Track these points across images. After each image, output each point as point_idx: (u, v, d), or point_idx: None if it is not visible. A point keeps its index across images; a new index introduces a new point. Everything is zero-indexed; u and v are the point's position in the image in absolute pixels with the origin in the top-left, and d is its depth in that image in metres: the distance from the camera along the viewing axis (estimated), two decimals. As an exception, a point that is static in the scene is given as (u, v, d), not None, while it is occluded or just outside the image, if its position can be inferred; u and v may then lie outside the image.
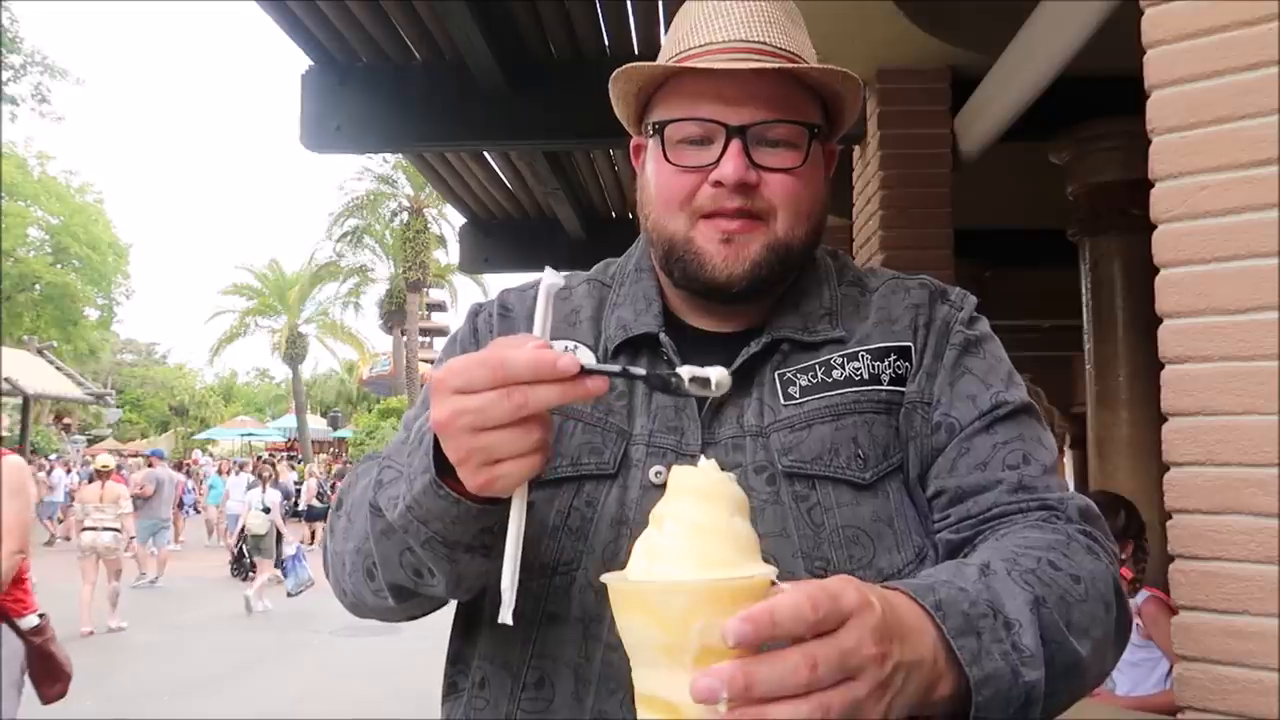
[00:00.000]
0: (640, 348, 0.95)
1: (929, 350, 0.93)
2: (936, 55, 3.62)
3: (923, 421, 0.90)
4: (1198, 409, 1.50)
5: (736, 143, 0.87)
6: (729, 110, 0.88)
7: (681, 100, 0.91)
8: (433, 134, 4.28)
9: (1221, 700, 1.44)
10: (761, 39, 0.90)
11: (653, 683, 0.64)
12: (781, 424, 0.89)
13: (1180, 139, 1.54)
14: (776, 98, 0.89)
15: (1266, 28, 1.46)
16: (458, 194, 6.40)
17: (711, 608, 0.62)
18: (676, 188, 0.91)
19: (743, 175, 0.87)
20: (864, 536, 0.85)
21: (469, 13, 3.37)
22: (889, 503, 0.87)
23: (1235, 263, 1.48)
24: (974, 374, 0.92)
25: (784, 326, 0.94)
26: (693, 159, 0.90)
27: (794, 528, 0.85)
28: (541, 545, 0.87)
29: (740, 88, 0.88)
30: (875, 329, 0.94)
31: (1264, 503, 1.43)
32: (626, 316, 0.96)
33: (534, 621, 0.86)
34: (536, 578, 0.87)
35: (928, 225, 3.70)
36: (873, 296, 0.98)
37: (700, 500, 0.66)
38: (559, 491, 0.89)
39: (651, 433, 0.90)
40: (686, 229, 0.91)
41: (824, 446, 0.87)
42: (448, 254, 30.59)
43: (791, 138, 0.90)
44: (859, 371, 0.91)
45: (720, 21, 0.91)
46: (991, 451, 0.88)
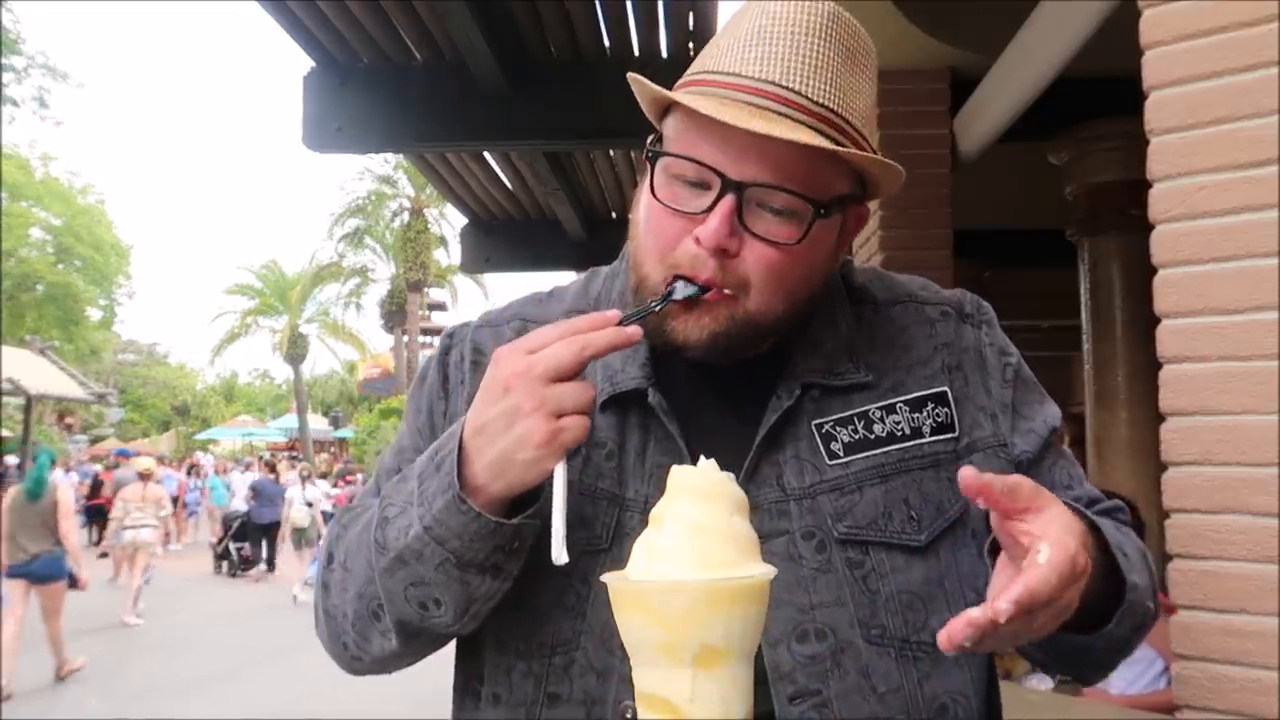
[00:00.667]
0: (630, 401, 0.87)
1: (974, 386, 0.90)
2: (936, 55, 3.62)
3: (1005, 463, 0.87)
4: (1196, 409, 1.50)
5: (729, 200, 0.77)
6: (732, 161, 0.78)
7: (689, 131, 0.80)
8: (433, 134, 4.29)
9: (1220, 699, 1.45)
10: (798, 88, 0.77)
11: (653, 682, 0.64)
12: (829, 485, 0.84)
13: (1179, 139, 1.54)
14: (792, 161, 0.77)
15: (1266, 28, 1.46)
16: (458, 194, 6.40)
17: (711, 607, 0.62)
18: (661, 232, 0.82)
19: (723, 242, 0.78)
20: (918, 601, 0.83)
21: (469, 13, 3.38)
22: (940, 564, 0.84)
23: (1234, 263, 1.48)
24: (1022, 408, 0.91)
25: (808, 371, 0.87)
26: (685, 202, 0.80)
27: (849, 596, 0.82)
28: (537, 623, 0.84)
29: (752, 138, 0.76)
30: (908, 375, 0.89)
31: (1262, 502, 1.43)
32: (614, 362, 0.88)
33: (536, 701, 0.84)
34: (537, 657, 0.84)
35: (928, 225, 3.70)
36: (887, 315, 0.93)
37: (700, 500, 0.66)
38: (554, 567, 0.81)
39: (647, 498, 0.83)
40: (659, 280, 0.82)
41: (877, 511, 0.83)
42: (448, 254, 30.58)
43: (794, 208, 0.79)
44: (900, 426, 0.86)
45: (759, 50, 0.78)
46: (1050, 477, 0.90)
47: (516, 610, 0.85)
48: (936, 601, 0.83)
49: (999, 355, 0.92)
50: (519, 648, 0.85)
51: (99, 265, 26.06)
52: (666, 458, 0.83)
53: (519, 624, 0.85)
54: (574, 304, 0.96)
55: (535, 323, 0.93)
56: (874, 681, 0.80)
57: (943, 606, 0.83)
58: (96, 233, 26.20)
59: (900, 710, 0.80)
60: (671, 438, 0.85)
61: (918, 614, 0.82)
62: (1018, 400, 0.91)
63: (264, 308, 35.09)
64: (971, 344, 0.92)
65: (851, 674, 0.80)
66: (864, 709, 0.80)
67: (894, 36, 3.46)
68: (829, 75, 0.79)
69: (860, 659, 0.80)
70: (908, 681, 0.81)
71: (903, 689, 0.81)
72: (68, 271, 25.37)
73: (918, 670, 0.81)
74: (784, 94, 0.77)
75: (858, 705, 0.79)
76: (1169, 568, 1.53)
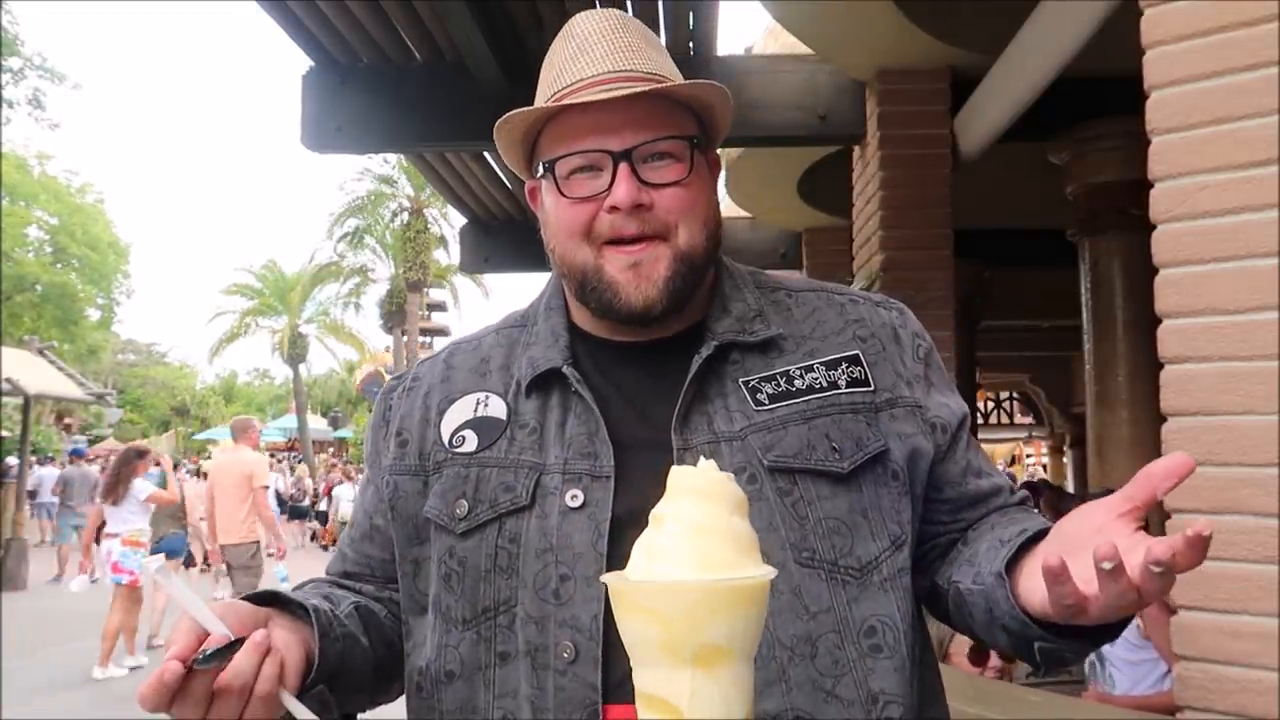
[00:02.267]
0: (551, 384, 0.97)
1: (889, 355, 0.99)
2: (936, 55, 3.62)
3: (921, 422, 0.97)
4: (1197, 409, 1.50)
5: (624, 166, 0.91)
6: (610, 138, 0.92)
7: (565, 137, 0.94)
8: (433, 134, 4.29)
9: (1221, 700, 1.44)
10: (628, 67, 0.93)
11: (653, 682, 0.64)
12: (757, 427, 0.92)
13: (1180, 139, 1.54)
14: (652, 118, 0.92)
15: (1266, 28, 1.46)
16: (458, 194, 6.40)
17: (711, 608, 0.62)
18: (574, 218, 0.94)
19: (635, 196, 0.90)
20: (843, 527, 0.90)
21: (469, 13, 3.38)
22: (863, 495, 0.91)
23: (1234, 263, 1.48)
24: (937, 386, 1.01)
25: (723, 331, 0.97)
26: (586, 189, 0.93)
27: (780, 521, 0.89)
28: (480, 590, 0.92)
29: (616, 115, 0.91)
30: (822, 343, 0.98)
31: (1263, 503, 1.43)
32: (537, 355, 0.99)
33: (489, 664, 0.90)
34: (483, 622, 0.91)
35: (928, 225, 3.70)
36: (800, 299, 1.03)
37: (700, 500, 0.66)
38: (484, 535, 0.92)
39: (565, 460, 0.92)
40: (593, 258, 0.94)
41: (802, 444, 0.91)
42: (448, 254, 30.58)
43: (674, 151, 0.93)
44: (818, 380, 0.95)
45: (586, 58, 0.94)
46: (978, 462, 1.00)
47: (454, 590, 0.93)
48: (861, 530, 0.91)
49: (912, 335, 1.02)
50: (464, 619, 0.92)
51: (97, 264, 26.05)
52: (584, 426, 0.93)
53: (460, 599, 0.92)
54: (504, 322, 1.09)
55: (465, 341, 1.08)
56: (806, 602, 0.87)
57: (867, 535, 0.91)
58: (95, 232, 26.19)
59: (831, 629, 0.87)
60: (589, 407, 0.94)
61: (844, 539, 0.90)
62: (932, 377, 1.01)
63: (263, 308, 35.08)
64: (886, 322, 1.02)
65: (785, 594, 0.86)
66: (797, 627, 0.86)
67: (894, 36, 3.47)
68: (645, 55, 0.95)
69: (793, 580, 0.87)
70: (837, 603, 0.88)
71: (833, 609, 0.87)
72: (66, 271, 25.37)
73: (846, 593, 0.88)
74: (623, 74, 0.93)
75: (791, 623, 0.86)
76: (1169, 568, 1.53)
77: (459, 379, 1.03)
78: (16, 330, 21.50)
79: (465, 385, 1.01)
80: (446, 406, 1.00)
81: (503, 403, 0.98)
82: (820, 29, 3.62)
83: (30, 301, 23.86)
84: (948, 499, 0.98)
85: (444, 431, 0.99)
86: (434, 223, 29.84)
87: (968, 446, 1.00)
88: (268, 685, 0.79)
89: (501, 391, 0.99)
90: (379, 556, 1.03)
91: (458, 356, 1.06)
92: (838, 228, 5.42)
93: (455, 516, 0.94)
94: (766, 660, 0.85)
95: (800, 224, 6.07)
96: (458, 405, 1.00)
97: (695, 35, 4.08)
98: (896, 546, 0.91)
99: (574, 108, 0.92)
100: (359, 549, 1.06)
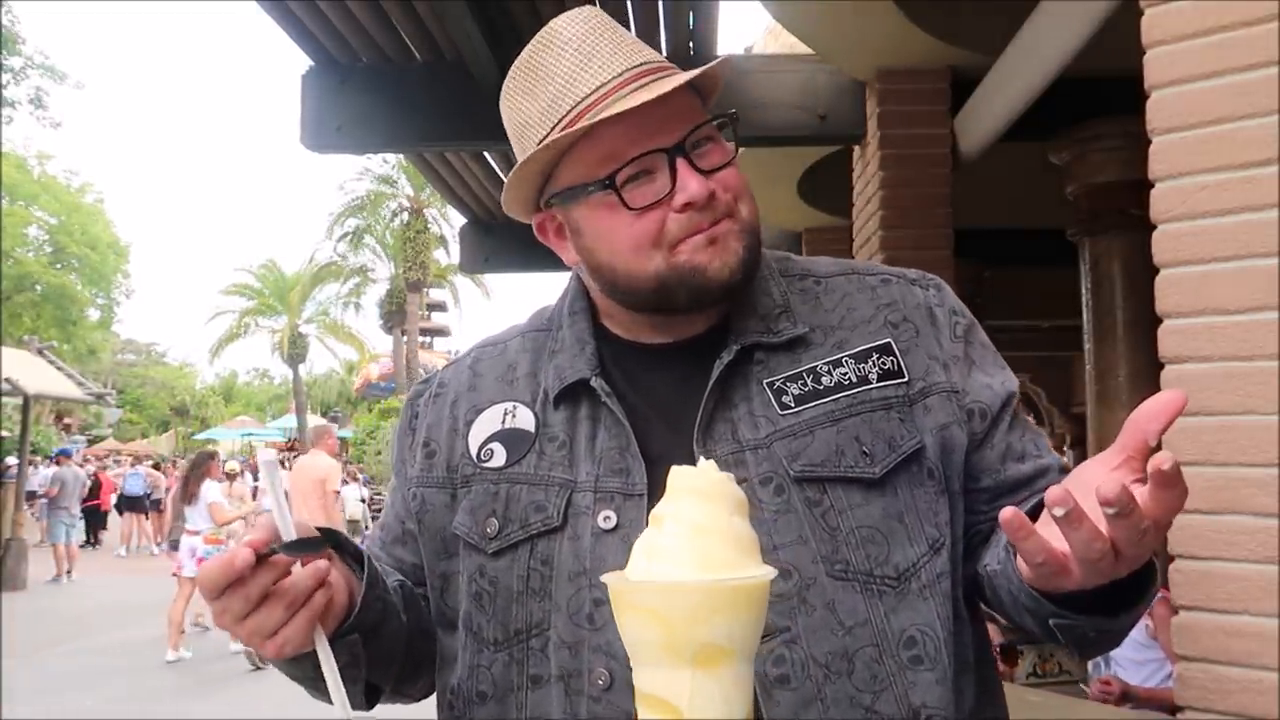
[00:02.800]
0: (580, 395, 0.94)
1: (924, 337, 0.94)
2: (936, 55, 3.62)
3: (957, 409, 0.91)
4: (1197, 409, 1.50)
5: (682, 162, 0.87)
6: (658, 136, 0.88)
7: (607, 149, 0.88)
8: (433, 134, 4.28)
9: (1221, 700, 1.44)
10: (640, 62, 0.89)
11: (653, 682, 0.64)
12: (783, 433, 0.88)
13: (1180, 139, 1.54)
14: (684, 107, 0.90)
15: (1266, 28, 1.46)
16: (458, 194, 6.40)
17: (711, 608, 0.62)
18: (643, 229, 0.88)
19: (707, 187, 0.88)
20: (878, 535, 0.85)
21: (469, 13, 3.38)
22: (898, 499, 0.87)
23: (1234, 263, 1.48)
24: (980, 364, 0.95)
25: (747, 331, 0.93)
26: (649, 195, 0.88)
27: (810, 533, 0.85)
28: (511, 611, 0.89)
29: (655, 111, 0.86)
30: (852, 333, 0.93)
31: (1263, 502, 1.43)
32: (563, 364, 0.95)
33: (521, 686, 0.88)
34: (515, 644, 0.89)
35: (928, 225, 3.70)
36: (829, 286, 0.98)
37: (700, 500, 0.66)
38: (515, 556, 0.90)
39: (597, 478, 0.89)
40: (665, 261, 0.89)
41: (830, 449, 0.87)
42: (448, 254, 30.57)
43: (711, 133, 0.91)
44: (846, 376, 0.91)
45: (597, 63, 0.88)
46: (1022, 446, 0.93)
47: (486, 610, 0.91)
48: (897, 536, 0.86)
49: (949, 314, 0.97)
50: (496, 640, 0.90)
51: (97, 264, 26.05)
52: (614, 440, 0.90)
53: (492, 619, 0.90)
54: (529, 325, 1.05)
55: (490, 345, 1.04)
56: (841, 616, 0.83)
57: (903, 541, 0.86)
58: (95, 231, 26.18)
59: (869, 643, 0.83)
60: (618, 421, 0.90)
61: (879, 548, 0.85)
62: (973, 355, 0.95)
63: (263, 308, 35.08)
64: (921, 302, 0.97)
65: (819, 609, 0.83)
66: (833, 643, 0.82)
67: (894, 36, 3.46)
68: (639, 46, 0.92)
69: (826, 594, 0.83)
70: (874, 615, 0.84)
71: (870, 622, 0.83)
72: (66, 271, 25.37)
73: (884, 604, 0.84)
74: (637, 70, 0.89)
75: (826, 639, 0.82)
76: (1170, 568, 1.53)
77: (486, 387, 0.99)
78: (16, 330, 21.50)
79: (492, 394, 0.98)
80: (474, 417, 0.97)
81: (530, 413, 0.95)
82: (820, 29, 3.62)
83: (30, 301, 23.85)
84: (985, 487, 0.92)
85: (472, 444, 0.96)
86: (434, 223, 29.84)
87: (1009, 429, 0.94)
88: (311, 612, 0.78)
89: (529, 401, 0.96)
90: (412, 561, 1.01)
91: (484, 363, 1.02)
92: (838, 228, 5.41)
93: (485, 535, 0.91)
94: (801, 680, 0.81)
95: (800, 224, 6.07)
96: (485, 416, 0.97)
97: (695, 35, 4.08)
98: (935, 550, 0.87)
99: (611, 119, 0.85)
100: (392, 552, 1.03)
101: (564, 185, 0.91)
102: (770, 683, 0.81)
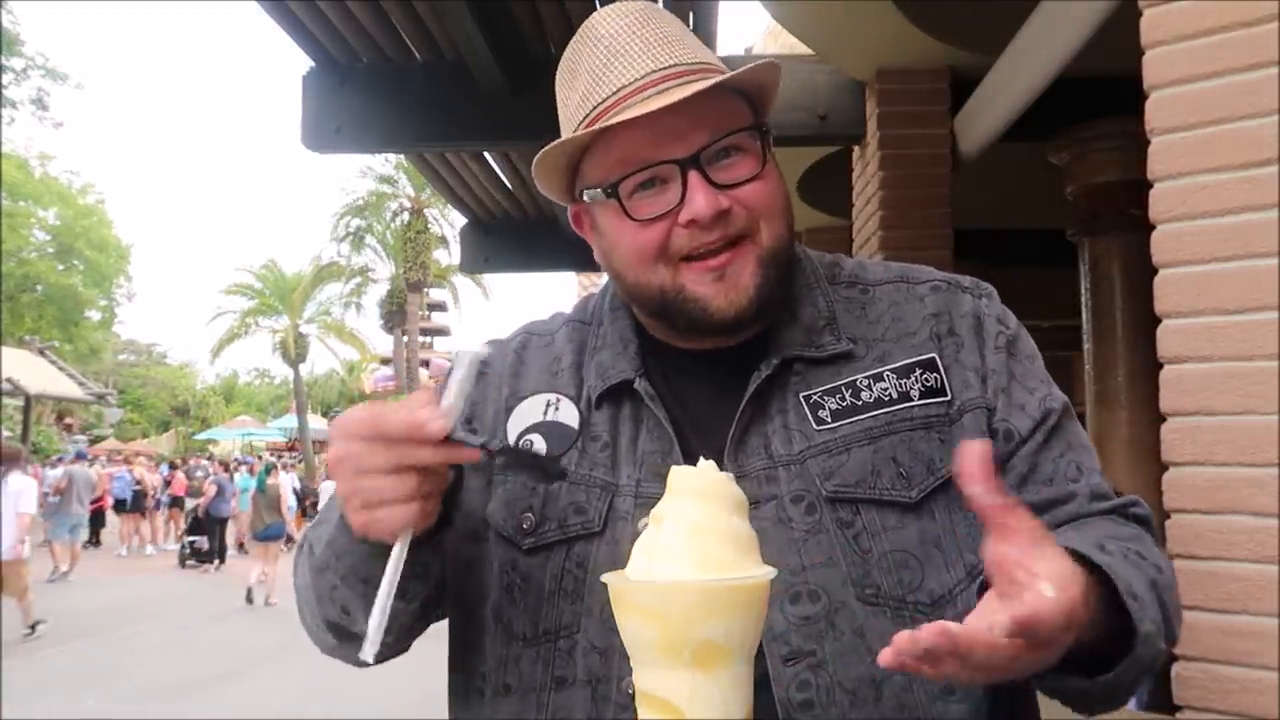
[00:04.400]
0: (623, 395, 0.91)
1: (967, 350, 0.89)
2: (936, 55, 3.62)
3: (986, 427, 0.87)
4: (1196, 409, 1.50)
5: (694, 175, 0.83)
6: (673, 145, 0.83)
7: (620, 153, 0.85)
8: (433, 134, 4.28)
9: (1221, 700, 1.44)
10: (671, 63, 0.84)
11: (652, 682, 0.64)
12: (817, 449, 0.85)
13: (1180, 139, 1.54)
14: (712, 113, 0.84)
15: (1266, 28, 1.46)
16: (458, 194, 6.39)
17: (710, 608, 0.62)
18: (646, 241, 0.85)
19: (715, 205, 0.82)
20: (913, 560, 0.82)
21: (469, 13, 3.37)
22: (935, 522, 0.83)
23: (1234, 263, 1.48)
24: (1019, 380, 0.90)
25: (789, 344, 0.89)
26: (655, 207, 0.84)
27: (841, 556, 0.82)
28: (542, 610, 0.87)
29: (674, 118, 0.82)
30: (895, 345, 0.90)
31: (1263, 502, 1.43)
32: (606, 361, 0.93)
33: (544, 686, 0.85)
34: (543, 643, 0.86)
35: (928, 225, 3.70)
36: (877, 295, 0.94)
37: (700, 500, 0.66)
38: (550, 555, 0.87)
39: (638, 482, 0.86)
40: (672, 277, 0.86)
41: (865, 470, 0.84)
42: (449, 254, 30.57)
43: (741, 143, 0.86)
44: (887, 392, 0.87)
45: (622, 62, 0.85)
46: (1054, 467, 0.87)
47: (517, 604, 0.88)
48: (933, 561, 0.82)
49: (995, 323, 0.92)
50: (525, 636, 0.87)
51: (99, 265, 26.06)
52: (656, 444, 0.88)
53: (522, 614, 0.88)
54: (575, 315, 1.02)
55: (538, 334, 1.00)
56: (869, 642, 0.79)
57: (940, 567, 0.82)
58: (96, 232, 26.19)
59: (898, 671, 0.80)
60: (661, 424, 0.88)
61: (913, 573, 0.82)
62: (1014, 369, 0.90)
63: (264, 308, 35.07)
64: (969, 310, 0.92)
65: (847, 634, 0.80)
66: (860, 670, 0.79)
67: (894, 36, 3.46)
68: (679, 44, 0.86)
69: (855, 619, 0.80)
70: None
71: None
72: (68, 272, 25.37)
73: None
74: (664, 72, 0.84)
75: (853, 666, 0.79)
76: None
77: (530, 376, 0.96)
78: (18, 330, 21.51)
79: (536, 384, 0.95)
80: (515, 403, 0.94)
81: (575, 409, 0.92)
82: (820, 29, 3.61)
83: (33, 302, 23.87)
84: None
85: (511, 431, 0.93)
86: (434, 223, 29.84)
87: (1041, 449, 0.87)
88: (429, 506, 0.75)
89: (573, 395, 0.93)
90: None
91: (531, 351, 0.99)
92: (838, 228, 5.41)
93: (521, 530, 0.89)
94: (826, 706, 0.79)
95: (800, 224, 6.05)
96: (527, 404, 0.94)
97: (695, 35, 4.08)
98: (973, 577, 0.82)
99: (625, 123, 0.82)
100: None
101: (586, 183, 0.89)
102: (794, 708, 0.79)
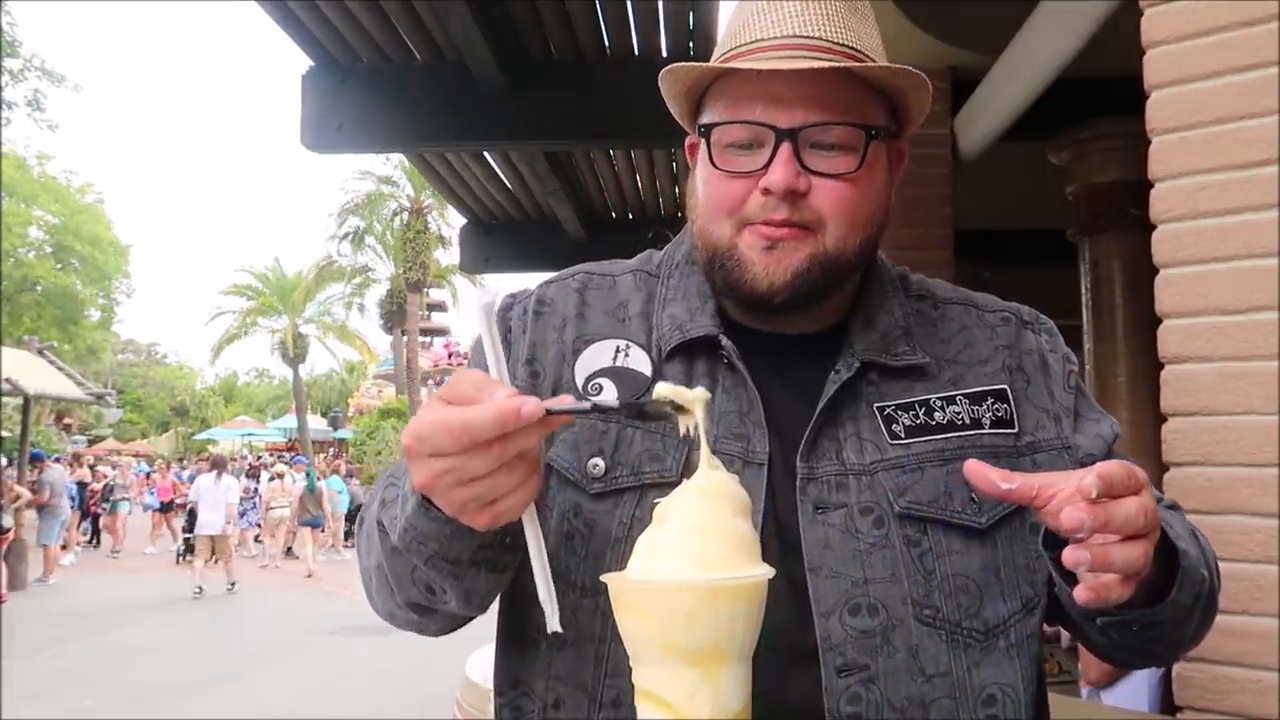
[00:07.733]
0: (697, 351, 0.88)
1: (1035, 388, 0.91)
2: (936, 55, 3.62)
3: (1071, 464, 0.87)
4: (1197, 409, 1.50)
5: (786, 147, 0.81)
6: (779, 112, 0.82)
7: (730, 101, 0.85)
8: (433, 134, 4.28)
9: (1221, 700, 1.44)
10: (817, 34, 0.83)
11: (652, 681, 0.64)
12: (889, 464, 0.84)
13: (1180, 139, 1.54)
14: (832, 97, 0.82)
15: (1266, 28, 1.46)
16: (458, 194, 6.40)
17: (710, 607, 0.62)
18: (724, 195, 0.85)
19: (792, 182, 0.81)
20: (972, 585, 0.82)
21: (469, 13, 3.38)
22: (997, 552, 0.84)
23: (1235, 263, 1.48)
24: (1086, 413, 0.93)
25: (867, 348, 0.88)
26: (742, 164, 0.84)
27: (904, 574, 0.81)
28: (606, 558, 0.83)
29: (791, 88, 0.81)
30: (969, 370, 0.90)
31: (1263, 503, 1.43)
32: (680, 314, 0.90)
33: (604, 638, 0.82)
34: (603, 593, 0.81)
35: (928, 225, 3.70)
36: (946, 313, 0.95)
37: (703, 499, 0.67)
38: (621, 501, 0.84)
39: (716, 438, 0.84)
40: (731, 235, 0.85)
41: (938, 490, 0.83)
42: (449, 254, 30.58)
43: (848, 140, 0.83)
44: (960, 416, 0.87)
45: (772, 17, 0.84)
46: None
47: (577, 552, 0.84)
48: (991, 590, 0.83)
49: (1062, 361, 0.94)
50: (583, 586, 0.84)
51: (98, 264, 26.05)
52: (733, 404, 0.85)
53: (583, 562, 0.84)
54: (638, 265, 0.98)
55: (599, 275, 0.96)
56: (922, 662, 0.79)
57: (997, 595, 0.83)
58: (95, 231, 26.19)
59: (947, 694, 0.80)
60: (742, 384, 0.86)
61: (972, 599, 0.82)
62: (1081, 407, 0.93)
63: (263, 308, 35.07)
64: (1034, 348, 0.93)
65: (901, 652, 0.80)
66: (910, 689, 0.79)
67: (894, 36, 3.46)
68: (839, 21, 0.84)
69: (910, 638, 0.80)
70: (956, 666, 0.80)
71: (951, 674, 0.80)
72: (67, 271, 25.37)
73: (968, 657, 0.81)
74: (809, 42, 0.82)
75: (904, 684, 0.79)
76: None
77: (595, 319, 0.92)
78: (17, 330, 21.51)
79: (603, 328, 0.91)
80: (582, 347, 0.90)
81: (646, 357, 0.89)
82: (820, 29, 3.61)
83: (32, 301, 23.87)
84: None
85: (579, 374, 0.89)
86: (434, 223, 29.84)
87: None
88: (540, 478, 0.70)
89: (644, 343, 0.90)
90: None
91: (592, 292, 0.95)
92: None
93: (588, 474, 0.85)
94: None
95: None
96: (594, 348, 0.90)
97: (695, 35, 4.08)
98: (1029, 610, 0.84)
99: (744, 72, 0.81)
100: None
101: (701, 118, 0.89)
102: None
